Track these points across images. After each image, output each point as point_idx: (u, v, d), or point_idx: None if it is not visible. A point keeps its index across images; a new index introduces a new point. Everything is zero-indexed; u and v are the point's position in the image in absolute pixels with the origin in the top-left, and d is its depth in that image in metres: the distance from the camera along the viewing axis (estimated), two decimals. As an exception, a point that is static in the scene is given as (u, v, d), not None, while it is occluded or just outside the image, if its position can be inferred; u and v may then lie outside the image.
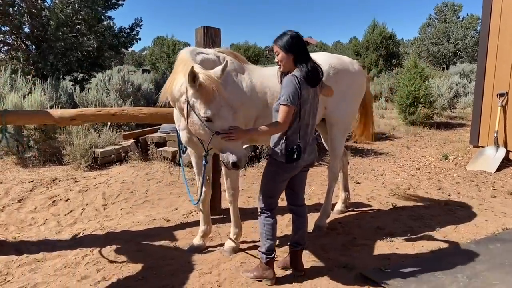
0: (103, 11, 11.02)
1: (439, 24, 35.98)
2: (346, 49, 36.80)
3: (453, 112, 13.66)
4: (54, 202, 5.23)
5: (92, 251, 3.86)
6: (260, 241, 3.26)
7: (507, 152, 6.99)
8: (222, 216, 4.73)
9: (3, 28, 10.61)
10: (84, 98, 8.69)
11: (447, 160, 7.41)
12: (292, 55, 2.97)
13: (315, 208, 4.96)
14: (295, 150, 2.96)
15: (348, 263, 3.56)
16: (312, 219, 4.52)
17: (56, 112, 3.92)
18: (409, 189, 5.85)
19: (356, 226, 4.45)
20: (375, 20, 29.88)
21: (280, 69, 3.14)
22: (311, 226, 4.32)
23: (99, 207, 5.08)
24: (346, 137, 4.43)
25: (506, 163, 6.84)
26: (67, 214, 4.90)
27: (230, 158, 2.81)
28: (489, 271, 3.38)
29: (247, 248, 3.90)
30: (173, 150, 6.95)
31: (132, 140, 7.40)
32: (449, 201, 5.29)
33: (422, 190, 5.81)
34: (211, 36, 4.34)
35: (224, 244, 3.90)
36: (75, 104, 9.12)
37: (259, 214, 3.22)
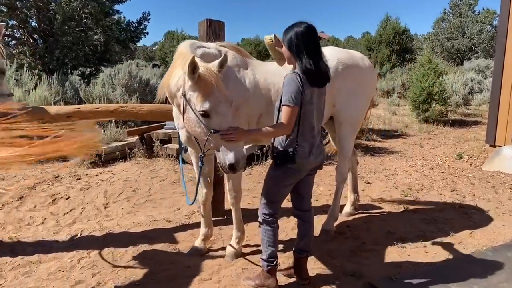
0: (110, 5, 10.87)
1: (454, 18, 35.23)
2: (358, 44, 36.37)
3: (468, 109, 13.30)
4: (54, 200, 5.10)
5: (88, 254, 3.71)
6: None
7: (526, 151, 6.69)
8: (226, 217, 4.55)
9: (11, 22, 10.52)
10: (89, 94, 8.57)
11: (461, 159, 7.13)
12: (295, 50, 2.76)
13: (322, 210, 4.76)
14: (290, 153, 2.76)
15: (356, 271, 3.35)
16: (319, 221, 4.33)
17: (52, 109, 3.77)
18: (421, 190, 5.61)
19: (365, 230, 4.23)
20: (388, 14, 29.47)
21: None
22: (318, 229, 4.12)
23: (99, 206, 4.94)
24: (355, 136, 4.22)
25: (524, 163, 6.54)
26: (67, 213, 4.76)
27: (226, 159, 2.61)
28: (508, 282, 3.15)
29: (250, 253, 3.72)
30: (178, 147, 6.78)
31: (137, 137, 7.26)
32: (464, 203, 5.04)
33: (435, 191, 5.56)
34: (214, 30, 4.15)
35: (226, 248, 3.73)
36: (81, 100, 9.01)
37: (260, 221, 3.02)
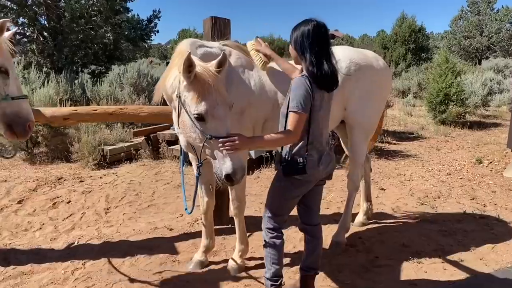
0: (120, 2, 10.70)
1: (471, 16, 34.43)
2: (373, 42, 35.78)
3: (487, 111, 12.82)
4: (55, 204, 4.93)
5: (84, 265, 3.51)
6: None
7: (550, 157, 6.32)
8: (230, 225, 4.31)
9: (20, 20, 10.45)
10: (96, 93, 8.41)
11: (481, 164, 6.78)
12: (300, 49, 2.50)
13: (333, 218, 4.50)
14: (300, 164, 2.50)
15: (368, 289, 3.09)
16: (330, 231, 4.08)
17: (48, 111, 3.58)
18: (438, 197, 5.30)
19: (379, 243, 3.96)
20: (404, 12, 28.86)
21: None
22: (328, 240, 3.86)
23: (100, 211, 4.75)
24: (368, 141, 3.94)
25: (549, 169, 6.18)
26: (66, 218, 4.58)
27: (223, 169, 2.35)
28: (536, 306, 2.86)
29: (254, 267, 3.48)
30: (184, 149, 6.58)
31: (143, 137, 7.08)
32: (485, 213, 4.72)
33: (453, 199, 5.24)
34: (219, 28, 3.91)
35: (228, 261, 3.49)
36: (88, 99, 8.87)
37: (265, 241, 2.77)
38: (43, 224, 4.40)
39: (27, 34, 11.19)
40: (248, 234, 4.00)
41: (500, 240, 4.00)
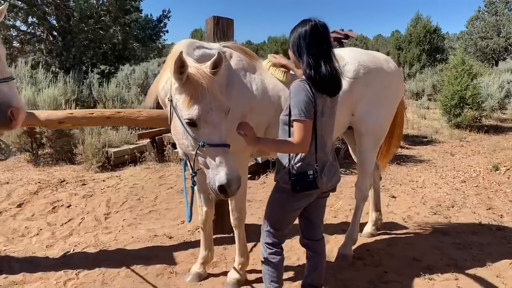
0: (130, 2, 10.60)
1: (489, 17, 33.69)
2: (388, 42, 35.31)
3: (504, 114, 12.44)
4: (54, 208, 4.83)
5: (77, 275, 3.37)
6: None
7: None
8: (232, 234, 4.11)
9: (30, 20, 10.42)
10: (102, 93, 8.32)
11: (498, 171, 6.49)
12: (297, 52, 2.32)
13: (341, 228, 4.29)
14: (311, 177, 2.31)
15: (375, 309, 2.89)
16: (336, 242, 3.89)
17: (43, 114, 3.45)
18: (452, 207, 5.05)
19: (388, 255, 3.74)
20: (419, 12, 28.35)
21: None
22: (335, 252, 3.67)
23: (100, 217, 4.62)
24: (378, 149, 3.73)
25: None
26: (65, 223, 4.46)
27: (216, 179, 2.16)
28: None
29: (255, 280, 3.30)
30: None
31: (148, 140, 6.96)
32: (502, 225, 4.47)
33: (468, 209, 4.99)
34: (222, 28, 3.74)
35: (228, 273, 3.32)
36: (95, 100, 8.78)
37: (264, 257, 2.59)
38: (41, 229, 4.29)
39: (37, 33, 11.19)
40: (252, 244, 3.84)
41: (519, 255, 3.76)
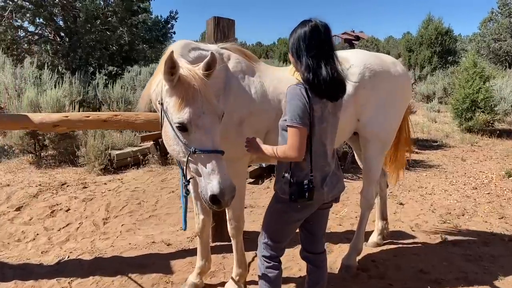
0: (137, 3, 10.53)
1: (502, 18, 33.08)
2: (399, 44, 34.95)
3: (517, 118, 12.14)
4: (53, 212, 4.73)
5: (70, 284, 3.26)
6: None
7: None
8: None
9: (37, 20, 10.41)
10: (107, 95, 8.24)
11: (511, 178, 6.27)
12: (295, 54, 2.18)
13: (346, 237, 4.14)
14: (306, 187, 2.16)
15: (379, 326, 2.73)
16: (340, 252, 3.73)
17: (37, 117, 3.35)
18: (463, 215, 4.85)
19: (394, 267, 3.57)
20: (431, 14, 27.96)
21: None
22: (338, 262, 3.52)
23: (98, 222, 4.52)
24: (384, 156, 3.57)
25: None
26: (62, 228, 4.36)
27: (208, 188, 2.02)
28: None
29: (253, 292, 3.16)
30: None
31: (151, 142, 6.85)
32: (515, 235, 4.27)
33: (479, 217, 4.79)
34: (222, 29, 3.63)
35: (225, 284, 3.19)
36: (100, 101, 8.71)
37: (261, 272, 2.44)
38: (37, 234, 4.20)
39: (44, 34, 11.18)
40: (254, 253, 3.70)
41: (533, 268, 3.57)
